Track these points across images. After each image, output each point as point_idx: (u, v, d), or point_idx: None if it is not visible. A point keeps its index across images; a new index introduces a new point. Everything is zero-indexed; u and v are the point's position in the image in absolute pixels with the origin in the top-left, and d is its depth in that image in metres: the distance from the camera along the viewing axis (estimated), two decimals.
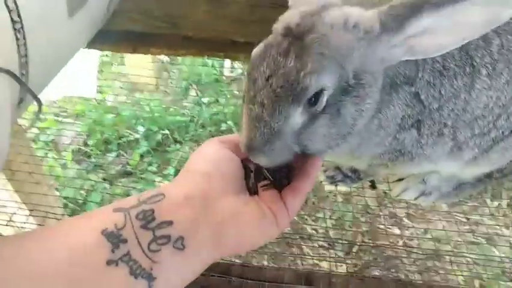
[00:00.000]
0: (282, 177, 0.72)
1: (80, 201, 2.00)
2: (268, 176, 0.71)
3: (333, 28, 0.62)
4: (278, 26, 0.65)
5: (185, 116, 2.43)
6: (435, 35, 0.61)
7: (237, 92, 2.67)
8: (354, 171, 1.10)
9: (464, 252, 1.71)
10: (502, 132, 0.86)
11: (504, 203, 1.97)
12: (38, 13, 0.74)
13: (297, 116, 0.62)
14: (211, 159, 0.65)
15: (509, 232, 1.71)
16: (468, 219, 1.92)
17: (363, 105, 0.67)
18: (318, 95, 0.61)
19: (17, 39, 0.68)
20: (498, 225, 1.83)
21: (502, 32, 0.77)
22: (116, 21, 1.13)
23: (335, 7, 0.65)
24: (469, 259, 1.69)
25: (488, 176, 1.01)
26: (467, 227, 1.90)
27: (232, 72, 2.77)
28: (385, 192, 1.84)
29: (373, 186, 1.45)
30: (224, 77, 2.75)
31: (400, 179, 1.16)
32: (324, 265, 1.80)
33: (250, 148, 0.64)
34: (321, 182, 1.14)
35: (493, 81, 0.78)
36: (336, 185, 1.14)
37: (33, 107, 0.77)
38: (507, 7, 0.58)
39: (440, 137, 0.83)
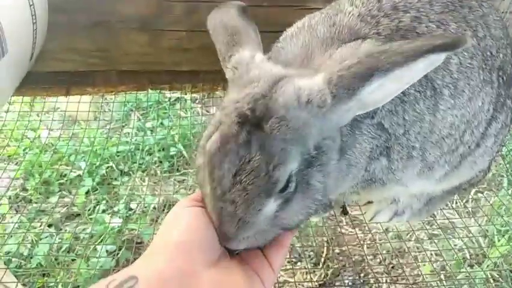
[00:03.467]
0: None
1: (26, 255, 1.82)
2: None
3: (288, 109, 0.61)
4: (229, 112, 0.62)
5: (130, 145, 2.31)
6: (382, 88, 0.62)
7: (181, 112, 2.58)
8: None
9: (426, 248, 1.76)
10: (469, 147, 0.88)
11: None
12: None
13: (271, 205, 0.62)
14: (185, 228, 0.61)
15: (461, 220, 1.78)
16: None
17: (328, 168, 0.67)
18: (287, 181, 0.61)
19: None
20: (454, 215, 1.90)
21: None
22: (45, 62, 1.02)
23: (283, 81, 0.63)
24: (432, 252, 1.75)
25: (457, 187, 1.04)
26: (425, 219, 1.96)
27: (173, 92, 2.67)
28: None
29: (344, 212, 1.45)
30: (166, 98, 2.65)
31: (370, 201, 1.16)
32: (295, 280, 1.78)
33: (225, 238, 0.62)
34: None
35: (456, 100, 0.80)
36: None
37: None
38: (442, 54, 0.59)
39: (409, 159, 0.83)
